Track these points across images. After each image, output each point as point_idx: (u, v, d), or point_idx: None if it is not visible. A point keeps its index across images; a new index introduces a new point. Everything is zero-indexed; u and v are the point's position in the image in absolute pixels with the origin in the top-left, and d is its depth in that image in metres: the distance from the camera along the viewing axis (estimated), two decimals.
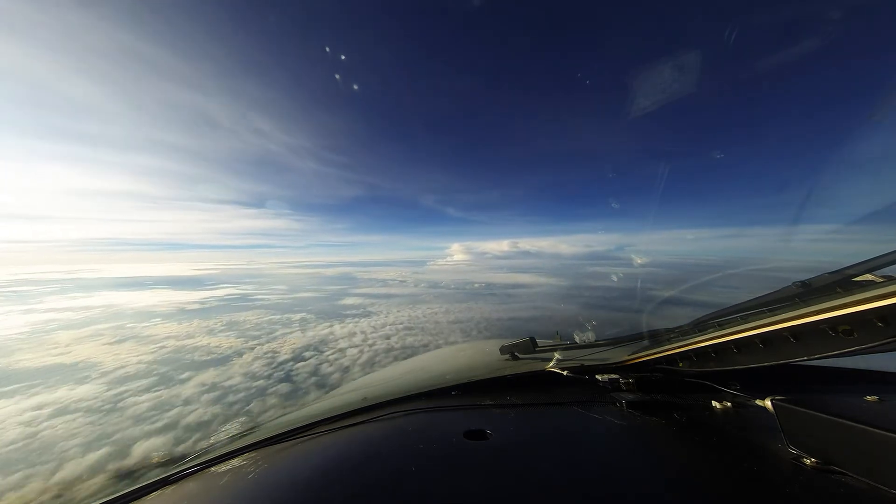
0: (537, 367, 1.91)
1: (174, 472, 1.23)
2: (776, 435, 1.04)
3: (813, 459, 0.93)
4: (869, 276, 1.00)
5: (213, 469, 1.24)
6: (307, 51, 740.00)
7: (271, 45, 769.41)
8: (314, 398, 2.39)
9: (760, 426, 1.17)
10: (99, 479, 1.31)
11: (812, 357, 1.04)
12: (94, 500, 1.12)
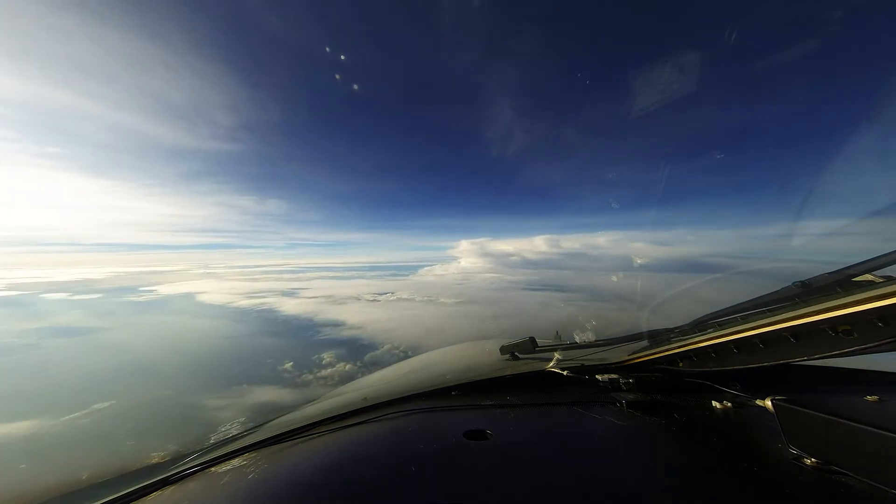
0: (537, 367, 1.91)
1: (174, 472, 1.23)
2: (776, 435, 1.04)
3: (813, 459, 0.93)
4: (869, 276, 1.00)
5: (213, 469, 1.24)
6: (307, 49, 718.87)
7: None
8: (314, 398, 2.37)
9: (760, 426, 1.18)
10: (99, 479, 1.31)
11: (812, 357, 1.04)
12: (95, 500, 1.12)
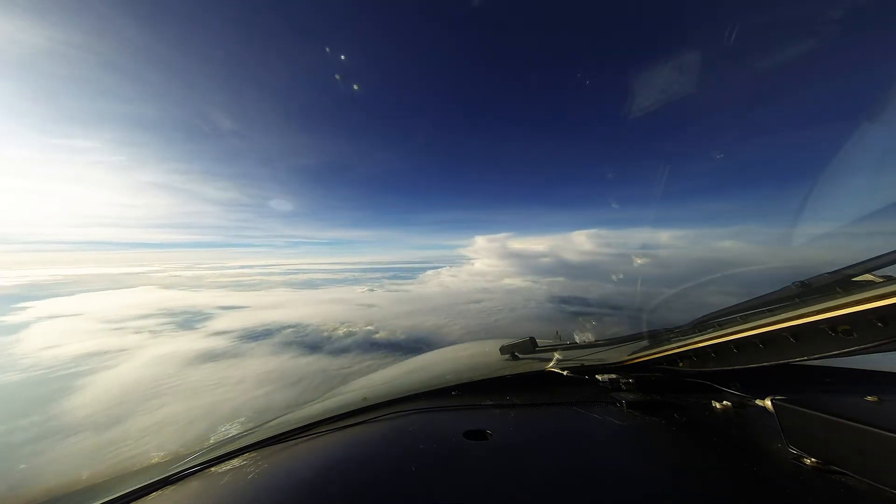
0: (537, 367, 1.91)
1: (174, 472, 1.23)
2: (776, 435, 1.04)
3: (813, 459, 0.93)
4: (869, 276, 1.00)
5: (213, 469, 1.24)
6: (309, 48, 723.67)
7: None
8: (314, 398, 2.37)
9: (760, 426, 1.18)
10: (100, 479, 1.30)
11: (812, 357, 1.04)
12: (95, 500, 1.12)
